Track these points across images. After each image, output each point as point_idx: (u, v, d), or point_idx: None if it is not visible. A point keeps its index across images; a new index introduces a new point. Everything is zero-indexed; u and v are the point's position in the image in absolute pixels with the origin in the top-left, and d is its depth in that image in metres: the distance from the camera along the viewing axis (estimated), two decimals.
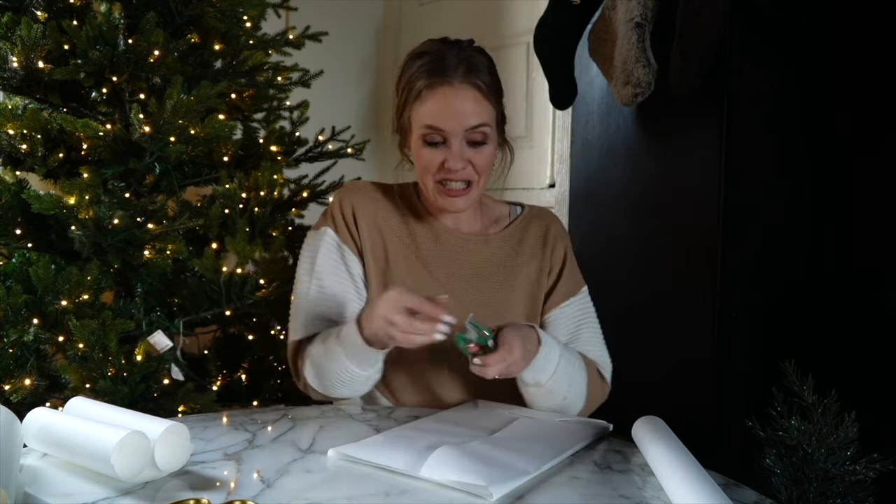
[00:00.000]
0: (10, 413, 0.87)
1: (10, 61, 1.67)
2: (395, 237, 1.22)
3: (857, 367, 1.66)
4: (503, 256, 1.26)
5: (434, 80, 1.11)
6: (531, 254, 1.27)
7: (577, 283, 1.31)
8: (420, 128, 1.13)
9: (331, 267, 1.21)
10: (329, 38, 2.22)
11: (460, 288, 1.21)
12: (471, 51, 1.15)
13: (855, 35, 1.75)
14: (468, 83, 1.11)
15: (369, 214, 1.23)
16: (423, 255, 1.22)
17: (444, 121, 1.11)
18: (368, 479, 0.83)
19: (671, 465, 0.81)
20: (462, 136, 1.12)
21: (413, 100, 1.14)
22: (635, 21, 1.72)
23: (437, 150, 1.13)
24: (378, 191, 1.27)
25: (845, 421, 0.82)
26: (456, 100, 1.11)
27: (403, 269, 1.21)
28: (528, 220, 1.31)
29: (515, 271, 1.26)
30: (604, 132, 2.03)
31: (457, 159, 1.12)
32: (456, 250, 1.24)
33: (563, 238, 1.31)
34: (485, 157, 1.15)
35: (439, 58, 1.12)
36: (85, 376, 1.56)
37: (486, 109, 1.14)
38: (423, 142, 1.14)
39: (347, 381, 1.10)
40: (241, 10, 1.88)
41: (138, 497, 0.77)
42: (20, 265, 1.73)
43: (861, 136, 1.74)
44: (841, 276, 1.74)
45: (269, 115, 2.15)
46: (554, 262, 1.28)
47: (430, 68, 1.12)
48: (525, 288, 1.26)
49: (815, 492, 0.79)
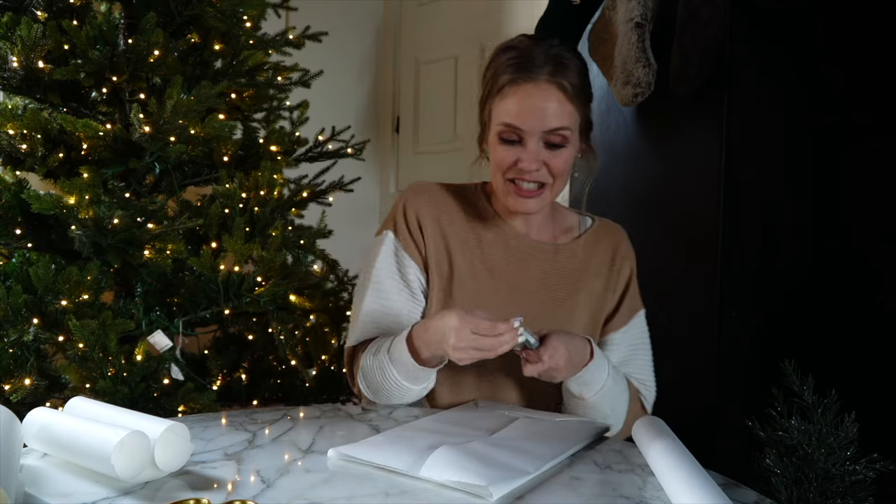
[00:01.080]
0: (10, 413, 0.87)
1: (10, 61, 1.67)
2: (459, 241, 1.18)
3: (857, 367, 1.66)
4: (571, 269, 1.22)
5: (518, 76, 1.06)
6: (598, 270, 1.23)
7: (637, 306, 1.27)
8: (498, 124, 1.09)
9: (388, 273, 1.18)
10: (329, 38, 2.22)
11: (523, 297, 1.18)
12: (562, 50, 1.10)
13: (855, 34, 1.75)
14: (553, 83, 1.06)
15: (434, 219, 1.19)
16: (488, 261, 1.18)
17: (523, 119, 1.06)
18: (368, 479, 0.83)
19: (671, 466, 0.81)
20: (540, 137, 1.08)
21: (495, 94, 1.09)
22: (635, 21, 1.72)
23: (513, 148, 1.09)
24: (445, 192, 1.22)
25: (845, 421, 0.82)
26: (538, 99, 1.06)
27: (467, 274, 1.17)
28: (599, 235, 1.26)
29: (580, 286, 1.21)
30: (604, 132, 2.03)
31: (531, 160, 1.08)
32: (524, 258, 1.20)
33: (630, 258, 1.27)
34: (562, 160, 1.10)
35: (527, 53, 1.08)
36: (85, 376, 1.56)
37: (569, 112, 1.08)
38: (500, 139, 1.09)
39: (400, 395, 1.09)
40: (241, 10, 1.88)
41: (138, 497, 0.77)
42: (20, 265, 1.73)
43: (861, 136, 1.74)
44: (841, 275, 1.74)
45: (269, 115, 2.15)
46: (620, 282, 1.25)
47: (517, 63, 1.07)
48: (588, 305, 1.22)
49: (815, 492, 0.79)
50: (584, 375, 1.07)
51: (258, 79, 1.98)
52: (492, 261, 1.18)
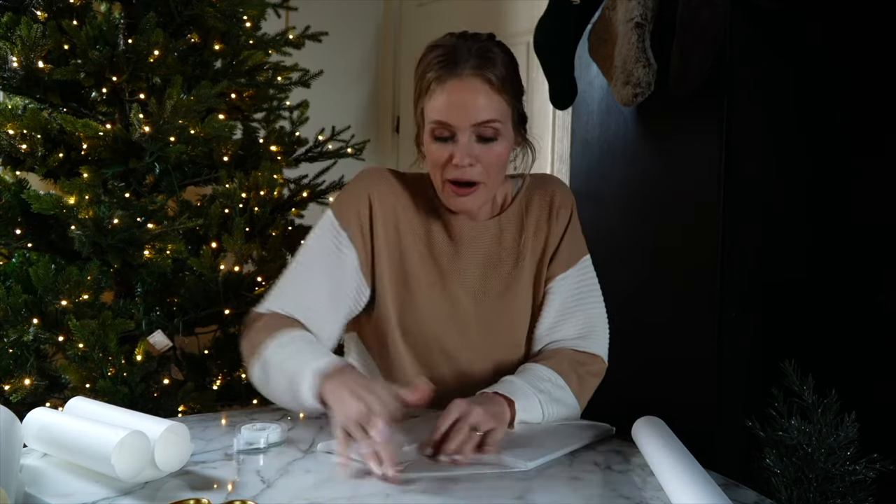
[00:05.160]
0: (10, 413, 0.87)
1: (10, 61, 1.67)
2: (410, 231, 1.19)
3: (857, 367, 1.66)
4: (512, 238, 1.21)
5: (443, 73, 1.07)
6: (537, 227, 1.22)
7: (579, 253, 1.24)
8: (430, 122, 1.09)
9: (322, 252, 1.15)
10: (329, 38, 2.22)
11: (473, 280, 1.19)
12: (488, 43, 1.10)
13: (855, 34, 1.75)
14: (478, 76, 1.06)
15: (388, 207, 1.18)
16: (435, 251, 1.19)
17: (451, 114, 1.07)
18: (368, 479, 0.83)
19: (671, 465, 0.81)
20: (470, 132, 1.08)
21: (424, 93, 1.10)
22: (635, 21, 1.72)
23: (446, 145, 1.09)
24: (398, 181, 1.21)
25: (845, 421, 0.81)
26: (465, 93, 1.06)
27: (417, 264, 1.18)
28: (531, 191, 1.24)
29: (523, 251, 1.21)
30: (604, 132, 2.03)
31: (463, 154, 1.07)
32: (468, 242, 1.20)
33: (567, 205, 1.24)
34: (495, 154, 1.10)
35: (452, 50, 1.08)
36: (85, 376, 1.56)
37: (497, 104, 1.08)
38: (433, 137, 1.10)
39: (291, 408, 1.06)
40: (241, 10, 1.88)
41: (138, 497, 0.77)
42: (20, 265, 1.73)
43: (861, 136, 1.74)
44: (841, 275, 1.74)
45: (269, 115, 2.15)
46: (558, 229, 1.23)
47: (442, 61, 1.08)
48: (532, 268, 1.21)
49: (815, 492, 0.79)
50: (520, 417, 1.05)
51: (258, 79, 1.98)
52: (439, 251, 1.19)
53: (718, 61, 1.66)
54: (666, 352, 1.83)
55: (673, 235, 1.82)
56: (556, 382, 1.12)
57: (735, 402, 1.70)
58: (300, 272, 1.15)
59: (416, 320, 1.17)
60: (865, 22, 1.72)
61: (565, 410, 1.11)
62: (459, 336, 1.17)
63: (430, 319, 1.17)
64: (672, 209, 1.83)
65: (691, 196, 1.77)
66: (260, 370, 1.05)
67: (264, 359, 1.04)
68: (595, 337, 1.22)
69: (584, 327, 1.22)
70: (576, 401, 1.14)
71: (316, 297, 1.13)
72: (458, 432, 0.91)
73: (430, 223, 1.20)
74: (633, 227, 1.94)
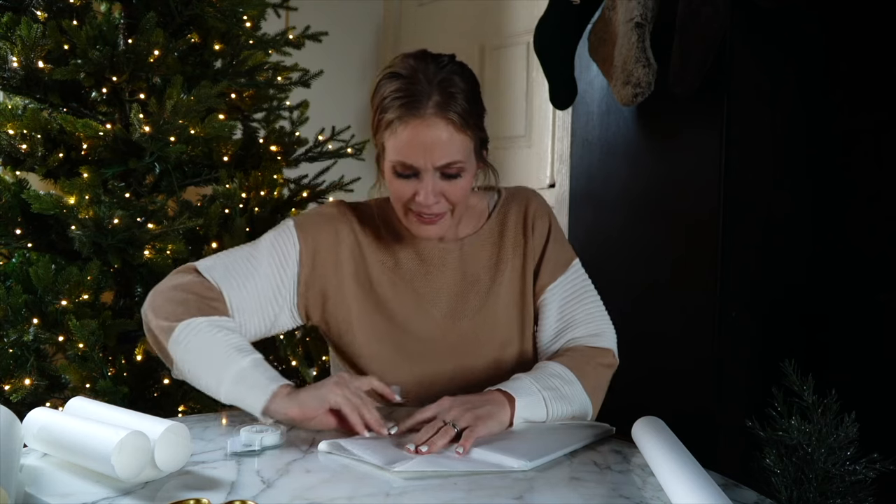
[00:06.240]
0: (10, 413, 0.87)
1: (10, 61, 1.67)
2: (377, 263, 1.18)
3: (857, 367, 1.66)
4: (488, 254, 1.21)
5: (405, 114, 1.04)
6: (515, 242, 1.22)
7: (566, 259, 1.23)
8: (391, 160, 1.08)
9: (270, 251, 1.14)
10: (329, 38, 2.22)
11: (448, 299, 1.19)
12: (448, 73, 1.07)
13: (855, 34, 1.75)
14: (441, 117, 1.04)
15: (353, 241, 1.18)
16: (407, 276, 1.18)
17: (415, 158, 1.05)
18: (368, 479, 0.83)
19: (671, 466, 0.81)
20: (434, 171, 1.06)
21: (384, 128, 1.07)
22: (635, 21, 1.72)
23: (409, 181, 1.07)
24: (360, 214, 1.21)
25: (845, 421, 0.81)
26: (427, 137, 1.04)
27: (390, 293, 1.17)
28: (507, 206, 1.24)
29: (501, 267, 1.21)
30: (604, 132, 2.03)
31: (428, 194, 1.06)
32: (438, 264, 1.19)
33: (543, 215, 1.23)
34: (459, 188, 1.08)
35: (412, 85, 1.05)
36: (85, 376, 1.56)
37: (461, 143, 1.06)
38: (395, 173, 1.08)
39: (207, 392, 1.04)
40: (241, 10, 1.88)
41: (138, 497, 0.77)
42: (20, 265, 1.73)
43: (861, 136, 1.74)
44: (841, 275, 1.74)
45: (269, 115, 2.15)
46: (537, 243, 1.22)
47: (402, 99, 1.05)
48: (514, 283, 1.21)
49: (815, 492, 0.79)
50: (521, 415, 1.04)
51: (258, 79, 1.98)
52: (410, 276, 1.18)
53: (718, 61, 1.66)
54: (666, 351, 1.83)
55: (673, 235, 1.82)
56: (566, 378, 1.11)
57: (735, 402, 1.70)
58: (248, 258, 1.13)
59: (394, 346, 1.17)
60: (865, 21, 1.73)
61: (574, 408, 1.10)
62: (439, 356, 1.18)
63: (409, 342, 1.17)
64: (672, 209, 1.83)
65: (691, 196, 1.78)
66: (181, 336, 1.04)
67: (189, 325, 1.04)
68: (604, 335, 1.22)
69: (592, 326, 1.22)
70: (587, 397, 1.13)
71: (254, 287, 1.12)
72: (431, 427, 0.94)
73: (397, 250, 1.20)
74: (632, 227, 1.94)
